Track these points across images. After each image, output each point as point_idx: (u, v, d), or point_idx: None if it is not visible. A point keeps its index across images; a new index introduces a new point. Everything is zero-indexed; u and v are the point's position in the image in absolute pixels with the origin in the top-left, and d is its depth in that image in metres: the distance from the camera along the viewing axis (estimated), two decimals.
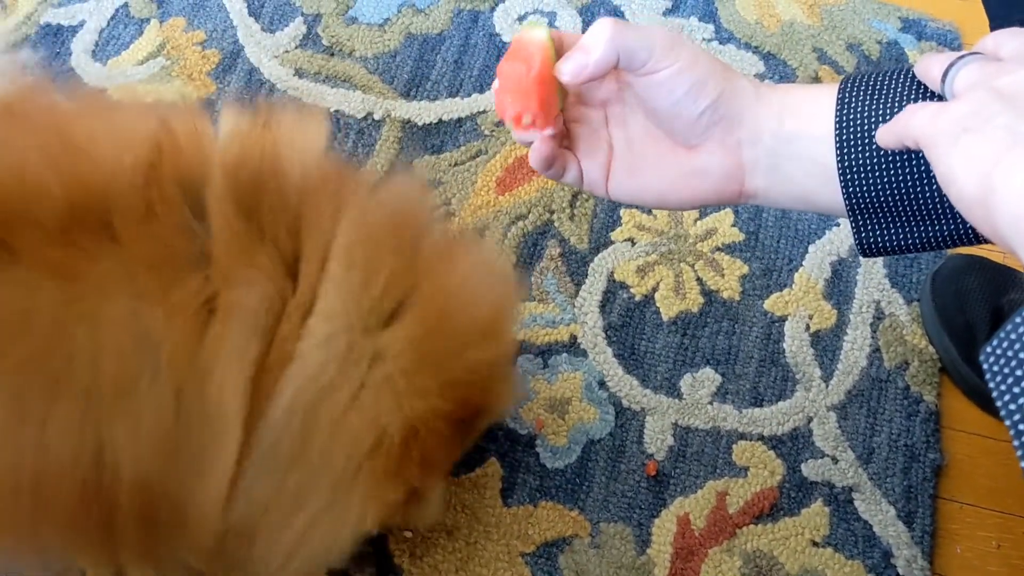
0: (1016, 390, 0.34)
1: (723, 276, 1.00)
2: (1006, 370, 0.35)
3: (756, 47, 1.17)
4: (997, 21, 0.77)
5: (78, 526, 0.60)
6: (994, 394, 0.36)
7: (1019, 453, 0.33)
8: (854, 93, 0.52)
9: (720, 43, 1.18)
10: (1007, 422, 0.34)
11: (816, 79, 1.13)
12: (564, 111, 0.57)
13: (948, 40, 1.17)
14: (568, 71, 0.52)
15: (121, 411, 0.56)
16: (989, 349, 0.35)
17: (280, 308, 0.59)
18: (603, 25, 0.51)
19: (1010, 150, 0.38)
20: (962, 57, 0.46)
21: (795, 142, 0.53)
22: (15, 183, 0.55)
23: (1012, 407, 0.34)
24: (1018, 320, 0.34)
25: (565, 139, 0.58)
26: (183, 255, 0.58)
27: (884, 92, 0.51)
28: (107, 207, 0.56)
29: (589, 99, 0.58)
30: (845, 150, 0.51)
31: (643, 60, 0.51)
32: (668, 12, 1.21)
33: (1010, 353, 0.34)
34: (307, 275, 0.60)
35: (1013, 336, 0.34)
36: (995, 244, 0.40)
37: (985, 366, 0.36)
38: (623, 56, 0.51)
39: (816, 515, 0.86)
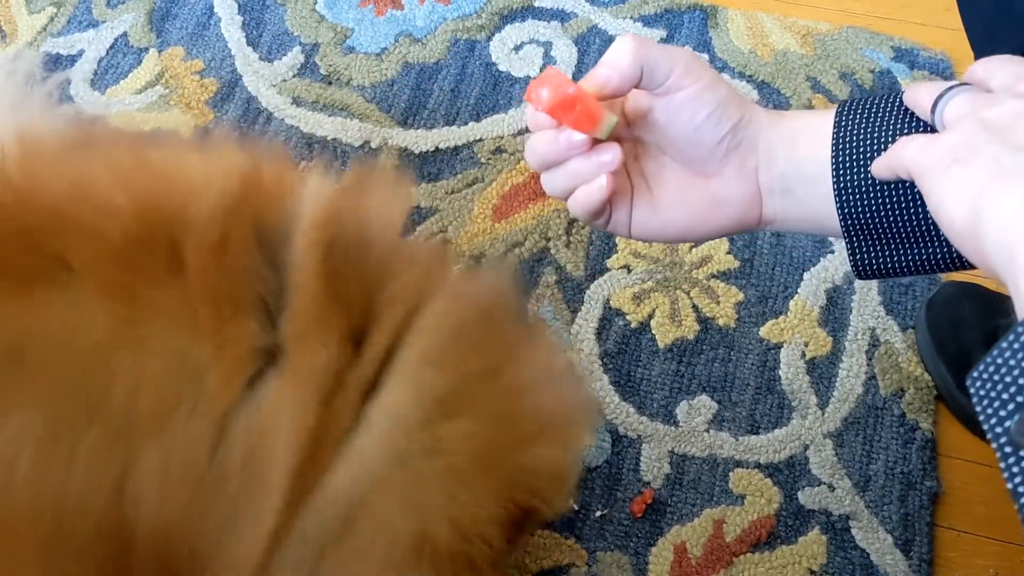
0: (1002, 413, 0.34)
1: (719, 303, 1.00)
2: (992, 394, 0.35)
3: (750, 76, 1.18)
4: (982, 56, 0.77)
5: (88, 564, 0.55)
6: (980, 418, 0.36)
7: (1006, 475, 0.34)
8: (850, 116, 0.53)
9: None
10: (993, 444, 0.35)
11: (810, 107, 1.14)
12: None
13: (940, 69, 1.18)
14: (593, 86, 0.51)
15: (153, 444, 0.52)
16: (975, 374, 0.36)
17: (339, 379, 0.54)
18: (626, 40, 0.51)
19: (995, 180, 0.38)
20: (951, 87, 0.47)
21: (804, 165, 0.54)
22: (79, 197, 0.53)
23: (998, 430, 0.34)
24: (1004, 345, 0.34)
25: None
26: (248, 297, 0.54)
27: (878, 115, 0.52)
28: (179, 233, 0.53)
29: None
30: (841, 171, 0.52)
31: (665, 75, 0.51)
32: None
33: (996, 377, 0.35)
34: (373, 351, 0.55)
35: (1000, 360, 0.34)
36: (985, 274, 0.40)
37: (972, 390, 0.36)
38: (646, 71, 0.51)
39: (813, 543, 0.86)
